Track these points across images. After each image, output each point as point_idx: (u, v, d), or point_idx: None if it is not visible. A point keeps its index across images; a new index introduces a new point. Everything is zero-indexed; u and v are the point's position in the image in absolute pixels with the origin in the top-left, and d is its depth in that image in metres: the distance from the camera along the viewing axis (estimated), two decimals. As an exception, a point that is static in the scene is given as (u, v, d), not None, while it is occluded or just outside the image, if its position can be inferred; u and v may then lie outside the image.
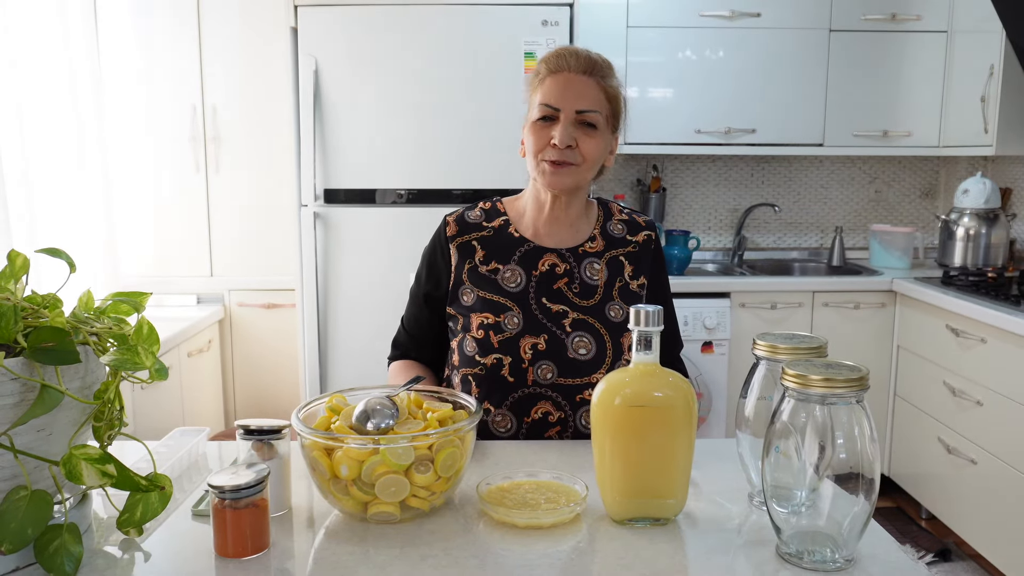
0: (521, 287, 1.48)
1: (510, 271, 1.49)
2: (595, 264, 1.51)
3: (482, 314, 1.46)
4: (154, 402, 2.67)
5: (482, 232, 1.53)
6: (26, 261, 0.98)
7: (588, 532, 1.05)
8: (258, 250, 3.26)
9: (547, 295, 1.48)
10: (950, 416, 2.79)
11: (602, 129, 1.45)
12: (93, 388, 0.98)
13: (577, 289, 1.49)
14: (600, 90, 1.44)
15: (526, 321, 1.46)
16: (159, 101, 3.16)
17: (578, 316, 1.47)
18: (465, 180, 2.89)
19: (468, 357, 1.46)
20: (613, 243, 1.53)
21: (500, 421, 1.45)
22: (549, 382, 1.44)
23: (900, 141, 3.34)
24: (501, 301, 1.47)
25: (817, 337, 1.09)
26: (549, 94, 1.43)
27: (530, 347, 1.44)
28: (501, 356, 1.44)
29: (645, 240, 1.55)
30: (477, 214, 1.56)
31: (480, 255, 1.51)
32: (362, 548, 1.00)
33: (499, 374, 1.44)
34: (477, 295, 1.48)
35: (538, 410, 1.44)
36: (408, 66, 2.82)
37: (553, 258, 1.50)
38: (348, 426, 1.10)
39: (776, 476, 0.96)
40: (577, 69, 1.43)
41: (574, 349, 1.45)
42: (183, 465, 1.26)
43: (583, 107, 1.42)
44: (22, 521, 0.88)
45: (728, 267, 3.54)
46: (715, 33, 3.23)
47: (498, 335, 1.45)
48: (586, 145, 1.43)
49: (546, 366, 1.44)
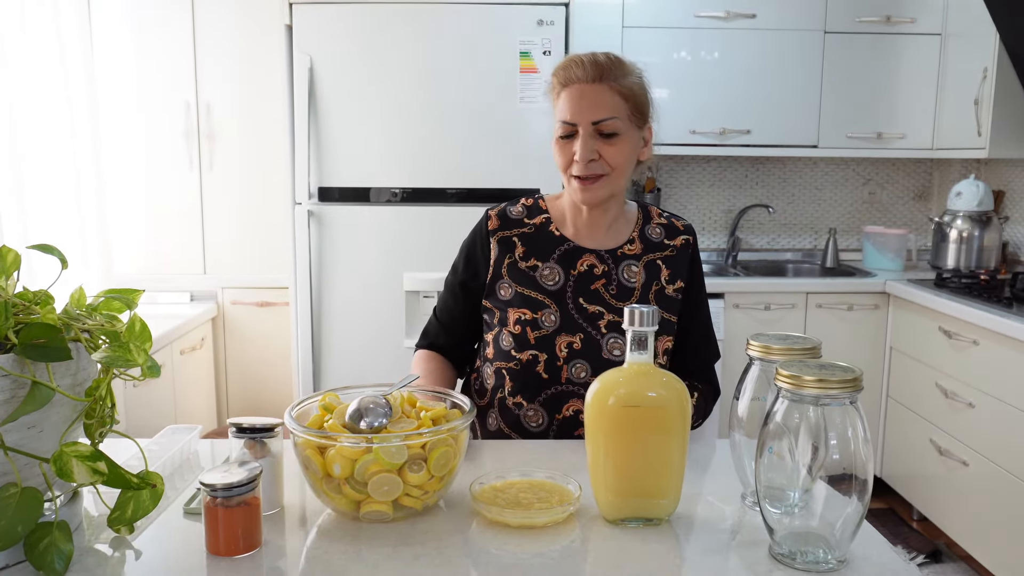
0: (559, 286, 1.48)
1: (549, 269, 1.49)
2: (633, 267, 1.50)
3: (520, 310, 1.47)
4: (146, 400, 2.66)
5: (523, 229, 1.53)
6: (17, 257, 0.97)
7: (581, 532, 1.05)
8: (252, 248, 3.25)
9: (584, 295, 1.48)
10: (942, 418, 2.80)
11: (625, 132, 1.41)
12: (85, 385, 0.97)
13: (614, 291, 1.49)
14: (614, 93, 1.40)
15: (563, 319, 1.46)
16: (153, 98, 3.15)
17: (613, 318, 1.47)
18: (460, 179, 2.89)
19: (504, 351, 1.47)
20: (651, 247, 1.53)
21: (532, 416, 1.46)
22: (582, 381, 1.45)
23: (894, 143, 3.35)
24: (539, 298, 1.47)
25: (811, 338, 1.10)
26: (565, 110, 1.42)
27: (565, 345, 1.45)
28: (537, 353, 1.45)
29: (683, 244, 1.54)
30: (519, 210, 1.55)
31: (520, 251, 1.51)
32: (355, 547, 1.00)
33: (534, 370, 1.45)
34: (515, 290, 1.49)
35: (570, 407, 1.45)
36: (403, 65, 2.82)
37: (592, 259, 1.50)
38: (341, 425, 1.09)
39: (769, 477, 0.96)
40: (586, 79, 1.40)
41: (608, 350, 1.46)
42: (175, 463, 1.25)
43: (599, 117, 1.39)
44: (12, 518, 0.88)
45: (722, 268, 3.54)
46: (710, 34, 3.23)
47: (535, 332, 1.45)
48: (610, 154, 1.41)
49: (580, 365, 1.45)
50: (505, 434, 1.48)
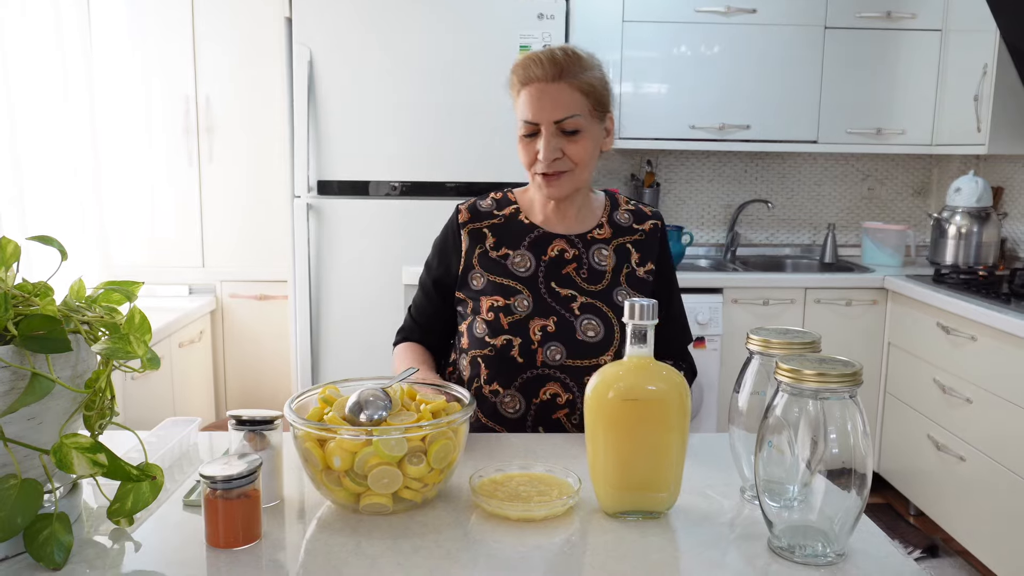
0: (531, 271, 1.50)
1: (520, 256, 1.51)
2: (603, 250, 1.52)
3: (492, 297, 1.48)
4: (145, 393, 2.66)
5: (493, 220, 1.55)
6: (17, 248, 0.97)
7: (580, 525, 1.05)
8: (250, 241, 3.25)
9: (556, 279, 1.49)
10: (940, 413, 2.81)
11: (586, 127, 1.43)
12: (84, 377, 0.97)
13: (585, 274, 1.50)
14: (574, 90, 1.41)
15: (536, 304, 1.47)
16: (152, 91, 3.14)
17: (586, 300, 1.48)
18: (459, 173, 2.88)
19: (478, 339, 1.47)
20: (620, 231, 1.55)
21: (509, 402, 1.46)
22: (558, 363, 1.45)
23: (893, 139, 3.35)
24: (511, 284, 1.49)
25: (810, 332, 1.10)
26: (526, 109, 1.43)
27: (539, 329, 1.46)
28: (511, 337, 1.45)
29: (652, 228, 1.57)
30: (488, 203, 1.58)
31: (491, 241, 1.52)
32: (354, 539, 1.00)
33: (508, 355, 1.45)
34: (487, 279, 1.50)
35: (546, 391, 1.46)
36: (403, 58, 2.81)
37: (562, 244, 1.52)
38: (341, 417, 1.09)
39: (768, 470, 0.96)
40: (545, 78, 1.41)
41: (583, 331, 1.46)
42: (174, 455, 1.25)
43: (560, 116, 1.41)
44: (12, 510, 0.88)
45: (721, 263, 3.54)
46: (710, 29, 3.23)
47: (508, 317, 1.46)
48: (573, 151, 1.43)
49: (555, 347, 1.45)
50: (483, 424, 1.48)
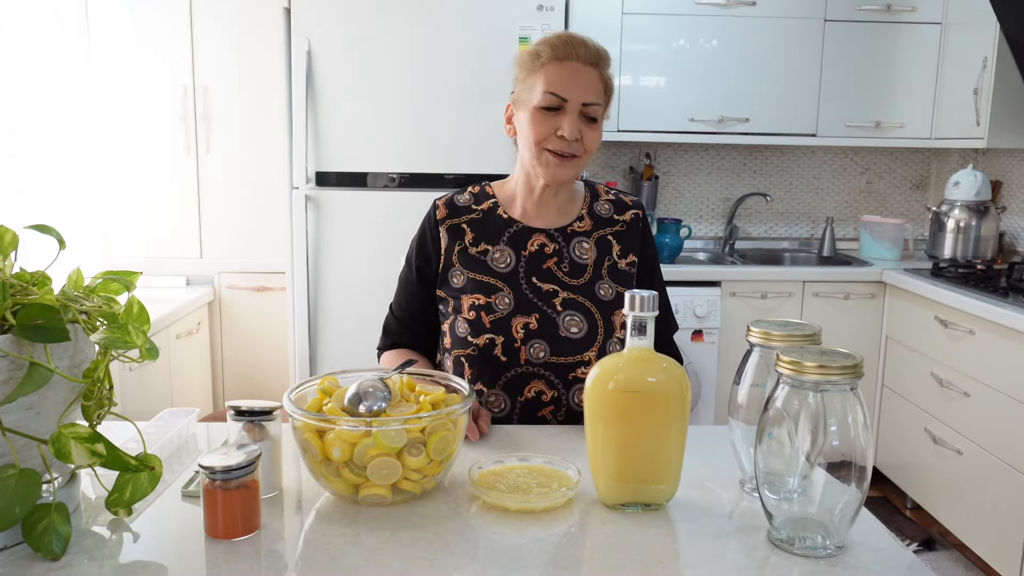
0: (511, 267, 1.49)
1: (500, 252, 1.49)
2: (584, 243, 1.51)
3: (473, 295, 1.47)
4: (142, 384, 2.66)
5: (471, 215, 1.53)
6: (15, 237, 0.97)
7: (580, 517, 1.05)
8: (248, 232, 3.24)
9: (537, 275, 1.48)
10: (937, 407, 2.81)
11: (600, 120, 1.45)
12: (83, 367, 0.97)
13: (567, 268, 1.49)
14: (601, 82, 1.44)
15: (517, 301, 1.46)
16: (150, 81, 3.12)
17: (568, 295, 1.47)
18: (458, 165, 2.88)
19: (460, 338, 1.46)
20: (601, 223, 1.54)
21: (494, 401, 1.46)
22: (541, 361, 1.44)
23: (892, 132, 3.35)
24: (491, 282, 1.47)
25: (811, 325, 1.10)
26: (556, 82, 1.40)
27: (522, 326, 1.45)
28: (493, 336, 1.44)
29: (632, 219, 1.56)
30: (466, 198, 1.56)
31: (470, 237, 1.51)
32: (353, 530, 1.00)
33: (491, 354, 1.44)
34: (468, 277, 1.48)
35: (531, 389, 1.45)
36: (402, 49, 2.80)
37: (542, 238, 1.51)
38: (340, 408, 1.09)
39: (768, 463, 0.96)
40: (586, 60, 1.42)
41: (565, 327, 1.45)
42: (172, 445, 1.25)
43: (590, 99, 1.41)
44: (10, 500, 0.87)
45: (719, 256, 3.54)
46: (710, 21, 3.22)
47: (490, 315, 1.45)
48: (589, 138, 1.43)
49: (538, 345, 1.44)
50: None
